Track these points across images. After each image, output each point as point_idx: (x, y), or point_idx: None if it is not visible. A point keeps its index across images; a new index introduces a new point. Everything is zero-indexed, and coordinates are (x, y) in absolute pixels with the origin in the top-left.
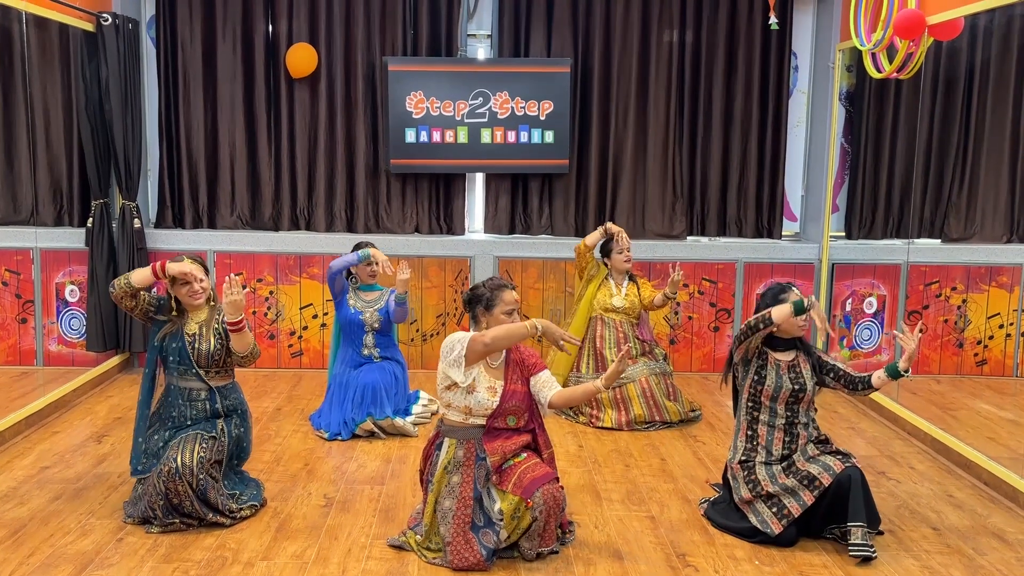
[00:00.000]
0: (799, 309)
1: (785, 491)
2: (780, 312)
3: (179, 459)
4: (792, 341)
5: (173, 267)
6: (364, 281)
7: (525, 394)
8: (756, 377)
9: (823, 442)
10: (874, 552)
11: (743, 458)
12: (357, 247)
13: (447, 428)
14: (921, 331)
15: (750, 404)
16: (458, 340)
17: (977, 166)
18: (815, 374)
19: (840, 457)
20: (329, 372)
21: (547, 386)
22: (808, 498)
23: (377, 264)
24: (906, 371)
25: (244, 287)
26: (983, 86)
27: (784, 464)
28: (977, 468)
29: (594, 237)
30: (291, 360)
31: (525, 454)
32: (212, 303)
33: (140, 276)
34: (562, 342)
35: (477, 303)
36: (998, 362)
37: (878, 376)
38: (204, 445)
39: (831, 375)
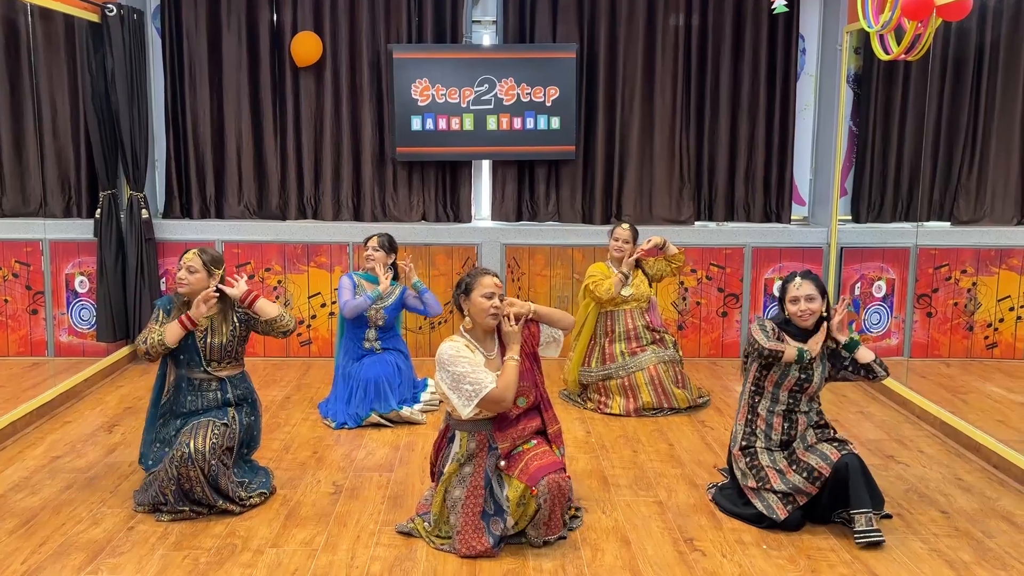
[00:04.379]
0: (800, 360)
1: (791, 488)
2: (789, 354)
3: (192, 445)
4: (811, 332)
5: (197, 312)
6: (363, 267)
7: (528, 369)
8: (765, 362)
9: (822, 427)
10: (881, 537)
11: (744, 443)
12: (368, 240)
13: (456, 423)
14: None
15: (753, 388)
16: (467, 379)
17: (987, 148)
18: (830, 366)
19: (836, 445)
20: (336, 360)
21: (549, 339)
22: (811, 489)
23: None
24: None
25: (251, 275)
26: (992, 67)
27: (786, 452)
28: (987, 451)
29: (618, 283)
30: (300, 349)
31: (535, 440)
32: (219, 303)
33: (175, 335)
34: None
35: (458, 289)
36: (1008, 345)
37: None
38: (216, 432)
39: (850, 367)
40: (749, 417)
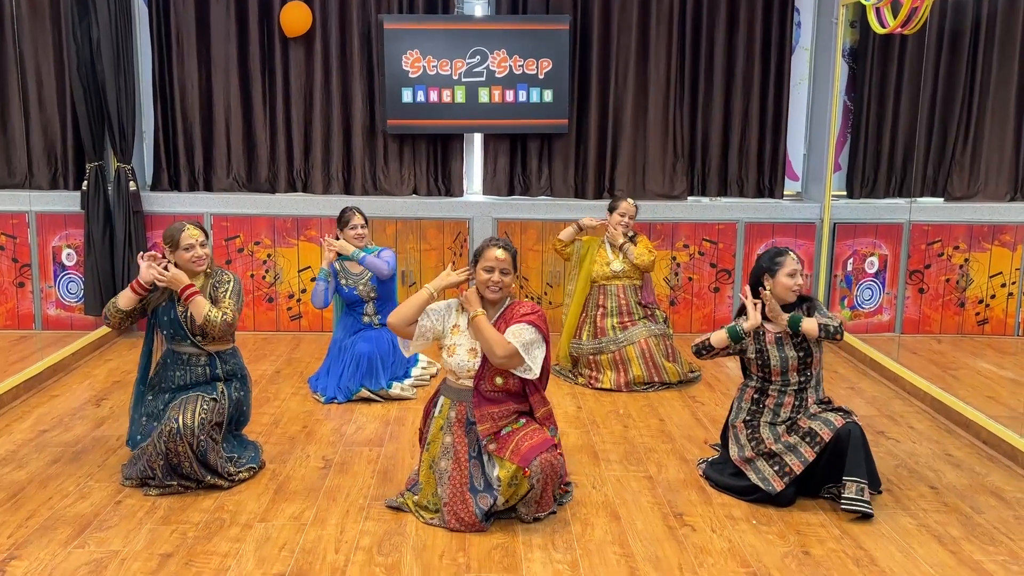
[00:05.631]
0: (734, 336)
1: (787, 448)
2: (717, 337)
3: (180, 419)
4: (789, 306)
5: (146, 274)
6: (355, 245)
7: None
8: (760, 361)
9: (826, 402)
10: (870, 510)
11: (747, 418)
12: (343, 212)
13: (444, 386)
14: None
15: (760, 375)
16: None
17: (981, 123)
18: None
19: (841, 413)
20: (334, 335)
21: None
22: (809, 454)
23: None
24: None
25: (241, 249)
26: (988, 41)
27: (788, 423)
28: (976, 427)
29: (568, 232)
30: (290, 323)
31: (523, 420)
32: (208, 271)
33: (126, 299)
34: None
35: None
36: (999, 321)
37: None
38: (205, 406)
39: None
40: (756, 396)
